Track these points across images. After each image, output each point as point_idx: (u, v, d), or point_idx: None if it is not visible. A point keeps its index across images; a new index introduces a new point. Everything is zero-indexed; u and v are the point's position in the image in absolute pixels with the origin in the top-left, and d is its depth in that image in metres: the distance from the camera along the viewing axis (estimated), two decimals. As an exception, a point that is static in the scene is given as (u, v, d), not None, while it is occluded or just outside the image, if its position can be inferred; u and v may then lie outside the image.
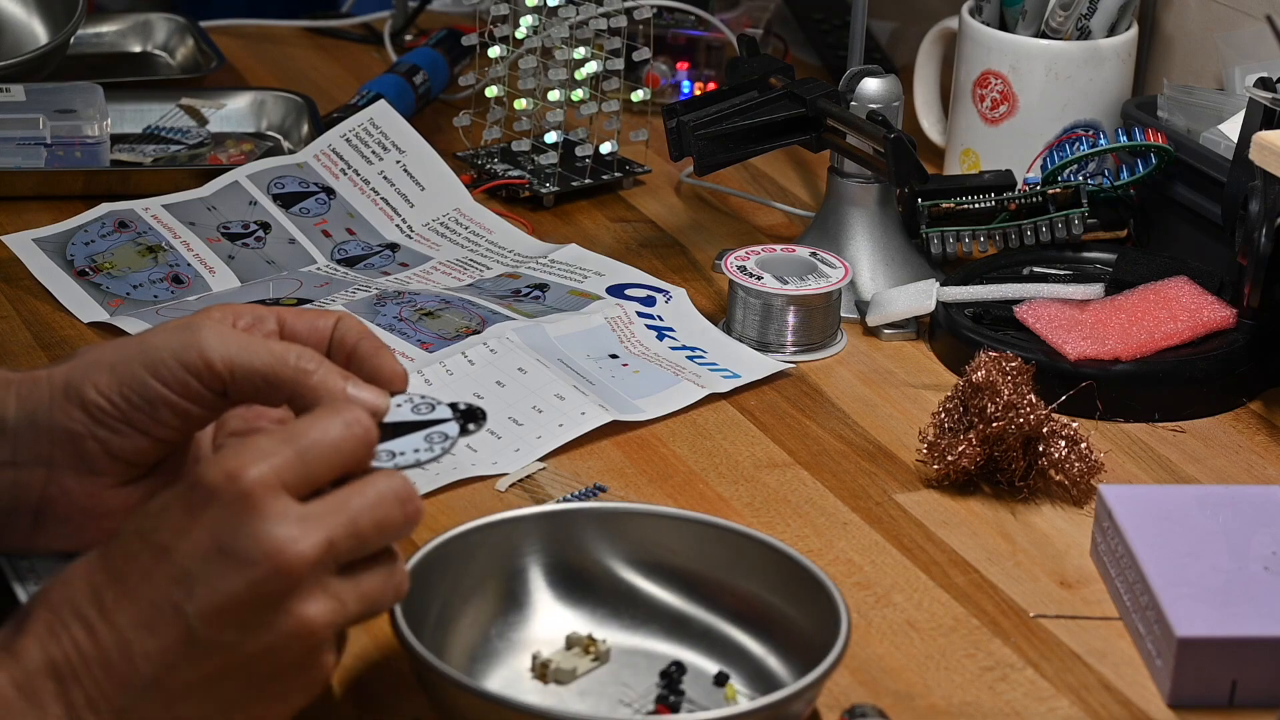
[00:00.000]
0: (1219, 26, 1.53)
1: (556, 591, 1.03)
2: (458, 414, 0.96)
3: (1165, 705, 1.00)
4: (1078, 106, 1.51)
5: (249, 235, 1.44)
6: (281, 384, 0.94)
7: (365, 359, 0.97)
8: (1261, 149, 1.23)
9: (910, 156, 1.34)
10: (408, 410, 0.96)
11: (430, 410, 0.96)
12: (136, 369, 0.94)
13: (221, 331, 0.94)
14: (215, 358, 0.93)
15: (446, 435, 0.95)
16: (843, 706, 0.97)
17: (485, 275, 1.42)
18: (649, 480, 1.19)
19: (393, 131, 1.54)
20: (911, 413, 1.27)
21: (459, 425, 0.96)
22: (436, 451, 0.94)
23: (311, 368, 0.94)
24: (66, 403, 0.95)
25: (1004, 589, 1.10)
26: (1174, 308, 1.31)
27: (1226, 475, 1.22)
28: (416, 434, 0.95)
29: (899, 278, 1.41)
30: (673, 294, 1.39)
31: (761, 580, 1.01)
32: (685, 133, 1.38)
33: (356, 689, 0.99)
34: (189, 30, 1.80)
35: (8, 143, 1.52)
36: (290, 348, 0.95)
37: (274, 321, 0.99)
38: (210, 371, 0.94)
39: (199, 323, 0.95)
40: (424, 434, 0.95)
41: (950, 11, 1.59)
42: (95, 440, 0.95)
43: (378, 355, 0.97)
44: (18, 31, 1.71)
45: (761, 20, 1.80)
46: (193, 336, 0.94)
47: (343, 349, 0.98)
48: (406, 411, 0.96)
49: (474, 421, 0.96)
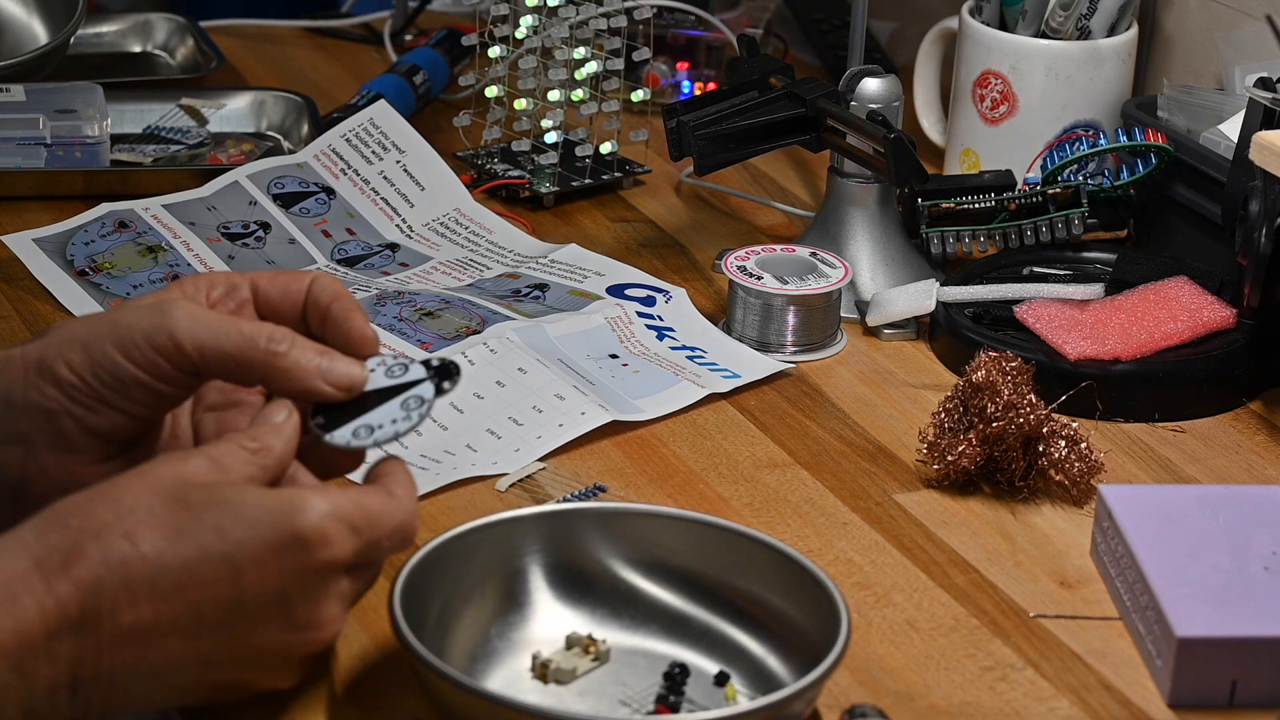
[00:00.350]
0: (1219, 26, 1.53)
1: (556, 591, 1.03)
2: (431, 372, 0.96)
3: (1165, 705, 1.00)
4: (1078, 106, 1.51)
5: (249, 235, 1.44)
6: (253, 366, 0.94)
7: (337, 322, 0.97)
8: (1261, 149, 1.23)
9: (910, 156, 1.34)
10: (381, 374, 0.96)
11: (404, 371, 0.96)
12: (108, 348, 0.94)
13: (192, 312, 0.94)
14: (185, 340, 0.93)
15: (422, 399, 0.95)
16: (843, 706, 0.97)
17: (485, 275, 1.42)
18: (649, 480, 1.19)
19: (393, 131, 1.54)
20: (911, 413, 1.27)
21: (434, 385, 0.96)
22: (414, 419, 0.94)
23: (283, 349, 0.94)
24: (40, 380, 0.94)
25: (1004, 589, 1.10)
26: (1174, 308, 1.31)
27: (1226, 475, 1.22)
28: (393, 402, 0.95)
29: (899, 278, 1.41)
30: (673, 294, 1.39)
31: (761, 580, 1.01)
32: (685, 133, 1.38)
33: (356, 689, 0.99)
34: (189, 30, 1.80)
35: (8, 143, 1.52)
36: (262, 328, 0.95)
37: (247, 288, 0.99)
38: (180, 354, 0.94)
39: (170, 302, 0.95)
40: (400, 401, 0.95)
41: (950, 11, 1.59)
42: (71, 418, 0.95)
43: (349, 319, 0.97)
44: (18, 31, 1.71)
45: (761, 20, 1.80)
46: (163, 319, 0.94)
47: (317, 310, 0.98)
48: (381, 376, 0.96)
49: (448, 379, 0.96)
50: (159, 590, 0.87)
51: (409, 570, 0.97)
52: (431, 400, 0.95)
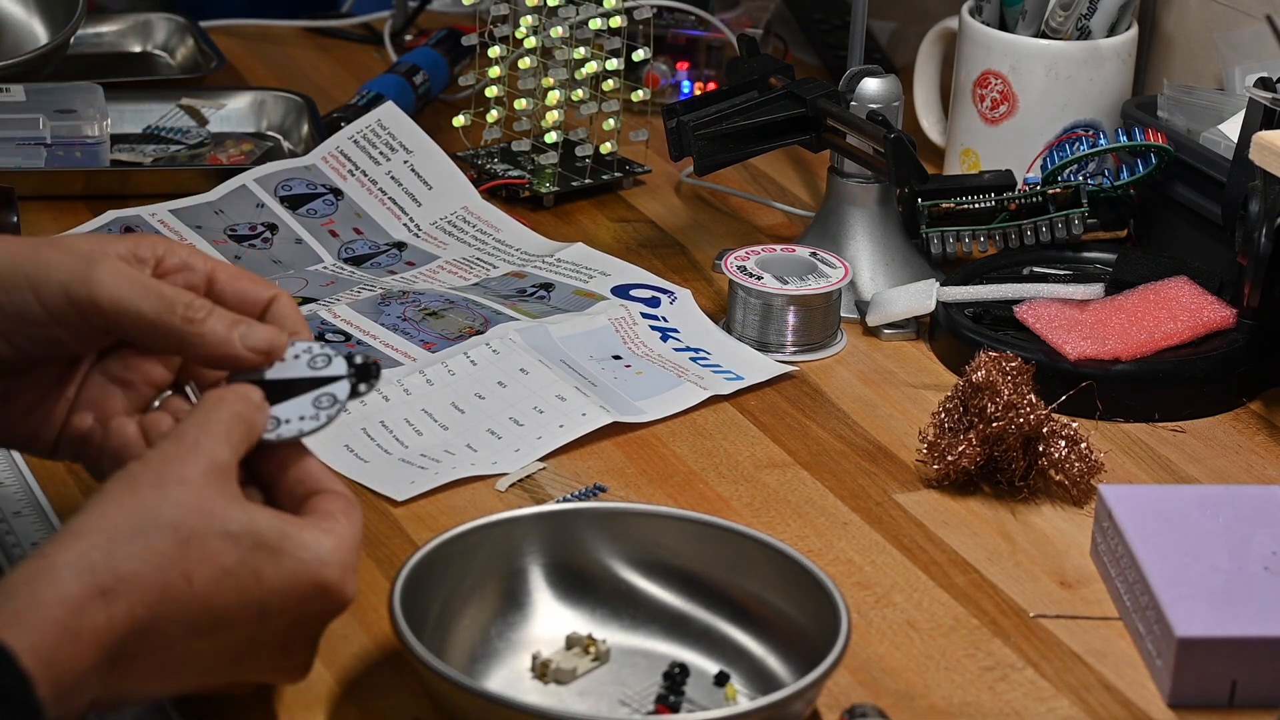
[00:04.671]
0: (1219, 26, 1.53)
1: (556, 591, 1.03)
2: (351, 370, 0.94)
3: (1165, 705, 1.00)
4: (1078, 106, 1.51)
5: (256, 237, 1.44)
6: (169, 331, 0.92)
7: None
8: (1261, 149, 1.23)
9: (910, 156, 1.34)
10: (304, 363, 0.94)
11: (326, 364, 0.94)
12: (21, 278, 0.92)
13: (117, 268, 0.92)
14: (103, 296, 0.92)
15: (335, 399, 0.93)
16: (843, 706, 0.97)
17: (491, 274, 1.42)
18: (649, 480, 1.19)
19: (400, 132, 1.54)
20: (911, 413, 1.27)
21: (350, 385, 0.94)
22: (323, 420, 0.93)
23: (200, 315, 0.93)
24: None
25: (1004, 589, 1.10)
26: (1174, 308, 1.31)
27: (1226, 475, 1.22)
28: (305, 396, 0.93)
29: (899, 278, 1.41)
30: (677, 295, 1.39)
31: (761, 580, 1.01)
32: (685, 133, 1.38)
33: (356, 689, 0.99)
34: (189, 30, 1.80)
35: (8, 143, 1.52)
36: (182, 294, 0.93)
37: (203, 272, 0.97)
38: (95, 308, 0.92)
39: (101, 256, 0.93)
40: (313, 397, 0.93)
41: (950, 11, 1.59)
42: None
43: None
44: (18, 31, 1.71)
45: (761, 20, 1.80)
46: (87, 269, 0.92)
47: None
48: (303, 365, 0.94)
49: (366, 381, 0.94)
50: (196, 628, 0.87)
51: (409, 570, 0.98)
52: (343, 402, 0.93)
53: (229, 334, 0.93)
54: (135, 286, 0.92)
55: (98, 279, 0.92)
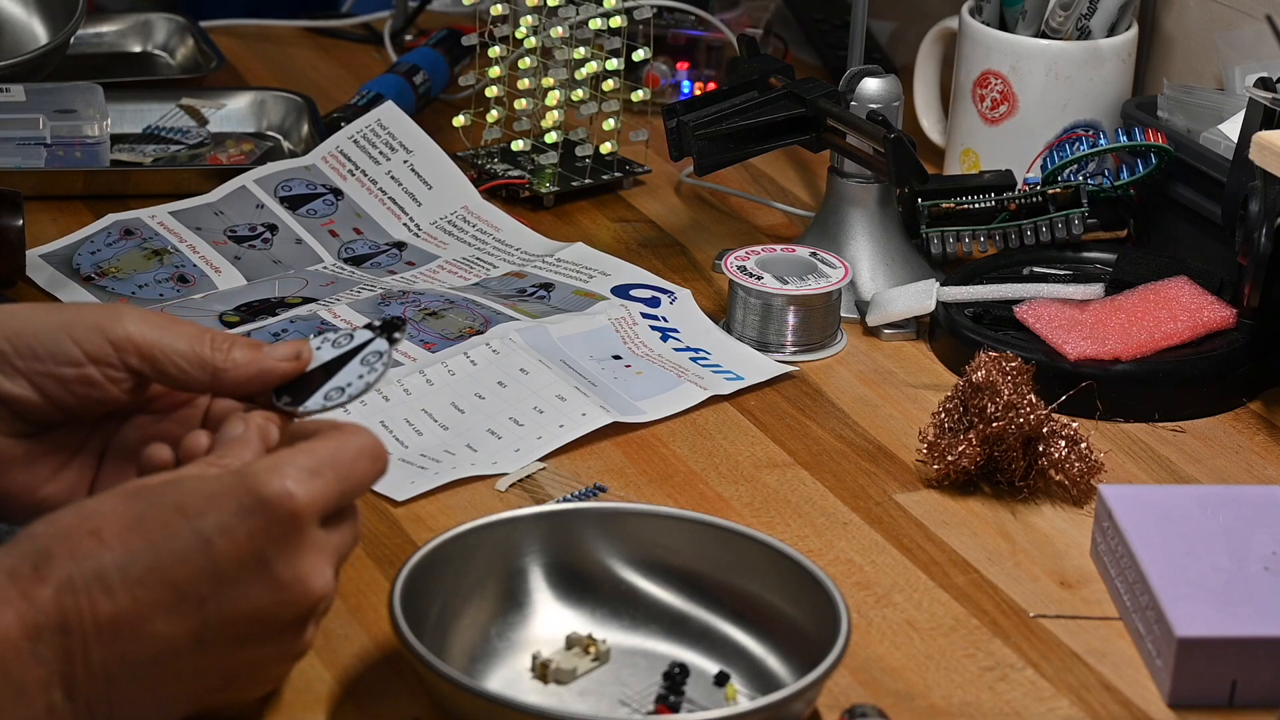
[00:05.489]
0: (1219, 26, 1.53)
1: (556, 591, 1.03)
2: (377, 330, 0.98)
3: (1165, 705, 1.00)
4: (1078, 106, 1.51)
5: (256, 237, 1.45)
6: (203, 362, 0.96)
7: None
8: (1261, 149, 1.23)
9: (910, 156, 1.34)
10: (329, 348, 0.98)
11: (349, 340, 0.98)
12: (53, 324, 0.96)
13: (143, 314, 0.97)
14: (137, 332, 0.96)
15: (380, 353, 0.97)
16: (843, 706, 0.97)
17: (491, 274, 1.42)
18: (649, 480, 1.19)
19: (400, 132, 1.54)
20: (911, 413, 1.27)
21: (386, 339, 0.98)
22: (380, 370, 0.96)
23: (226, 345, 0.97)
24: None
25: (1004, 589, 1.10)
26: (1174, 308, 1.31)
27: (1226, 475, 1.22)
28: (352, 363, 0.97)
29: (899, 278, 1.41)
30: (677, 295, 1.39)
31: (761, 580, 1.01)
32: (685, 133, 1.38)
33: (356, 689, 0.99)
34: (189, 30, 1.80)
35: (8, 143, 1.52)
36: (205, 329, 0.97)
37: None
38: (130, 344, 0.96)
39: (121, 306, 0.98)
40: (359, 359, 0.97)
41: (950, 11, 1.59)
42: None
43: None
44: (18, 31, 1.71)
45: (761, 20, 1.80)
46: (115, 313, 0.96)
47: None
48: (329, 350, 0.98)
49: (397, 330, 0.98)
50: (132, 575, 0.86)
51: (409, 570, 0.98)
52: (389, 352, 0.97)
53: (256, 352, 0.97)
54: (165, 322, 0.97)
55: (130, 317, 0.96)
